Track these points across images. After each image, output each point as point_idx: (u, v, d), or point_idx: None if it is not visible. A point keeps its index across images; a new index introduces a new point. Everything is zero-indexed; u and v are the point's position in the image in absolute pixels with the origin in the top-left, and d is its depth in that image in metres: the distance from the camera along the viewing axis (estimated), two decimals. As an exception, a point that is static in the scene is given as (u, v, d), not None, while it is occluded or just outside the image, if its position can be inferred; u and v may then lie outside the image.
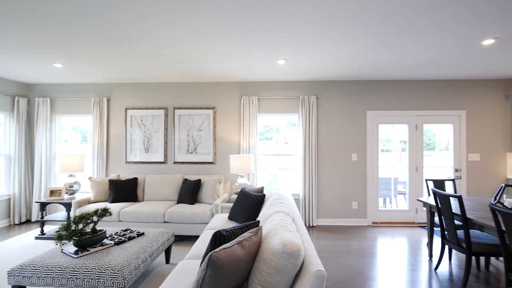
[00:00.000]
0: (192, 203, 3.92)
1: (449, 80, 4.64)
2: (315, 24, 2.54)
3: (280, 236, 1.50)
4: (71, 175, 4.18)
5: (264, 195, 2.85)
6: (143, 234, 2.79)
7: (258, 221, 1.81)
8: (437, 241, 3.87)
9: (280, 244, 1.40)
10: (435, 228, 4.27)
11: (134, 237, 2.69)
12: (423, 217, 4.66)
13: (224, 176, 4.63)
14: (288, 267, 1.37)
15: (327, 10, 2.28)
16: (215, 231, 1.74)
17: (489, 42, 2.97)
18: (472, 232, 2.89)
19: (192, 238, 3.90)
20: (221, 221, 3.04)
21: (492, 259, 3.25)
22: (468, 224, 2.59)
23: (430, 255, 3.27)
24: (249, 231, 1.63)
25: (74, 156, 4.09)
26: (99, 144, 4.70)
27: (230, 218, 3.06)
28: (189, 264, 2.02)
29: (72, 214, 3.90)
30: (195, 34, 2.78)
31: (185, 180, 4.14)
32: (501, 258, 3.22)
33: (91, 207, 3.87)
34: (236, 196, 3.84)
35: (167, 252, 3.00)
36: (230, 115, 4.67)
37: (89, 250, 2.31)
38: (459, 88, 4.65)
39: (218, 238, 1.66)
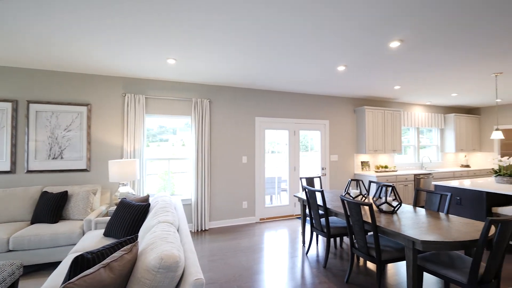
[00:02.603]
0: (55, 222, 3.15)
1: (318, 95, 5.65)
2: (203, 31, 2.53)
3: (158, 249, 1.38)
4: None
5: (148, 204, 2.60)
6: (-35, 273, 2.01)
7: (135, 236, 1.62)
8: (309, 229, 4.60)
9: (156, 258, 1.29)
10: (307, 218, 5.07)
11: (-52, 281, 1.90)
12: (299, 209, 5.45)
13: (102, 185, 3.97)
14: (165, 282, 1.28)
15: (212, 25, 2.32)
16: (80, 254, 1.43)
17: (341, 68, 3.79)
18: (331, 219, 3.59)
19: (55, 266, 3.14)
20: (94, 240, 2.57)
21: (345, 238, 4.14)
22: (327, 212, 3.19)
23: (303, 242, 3.85)
24: (122, 249, 1.43)
25: None
26: None
27: (106, 234, 2.63)
28: (39, 302, 1.58)
29: None
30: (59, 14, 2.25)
31: (45, 194, 3.29)
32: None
33: None
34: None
35: (11, 291, 2.28)
36: (111, 114, 4.06)
37: None
38: (325, 102, 5.73)
39: (80, 264, 1.38)
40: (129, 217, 2.51)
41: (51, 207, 3.17)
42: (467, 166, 7.19)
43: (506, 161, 4.08)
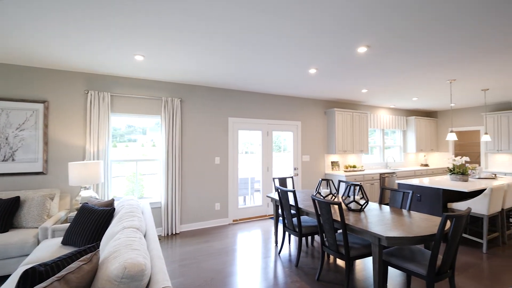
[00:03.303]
0: (5, 231, 2.84)
1: (291, 97, 5.75)
2: (173, 30, 2.44)
3: (122, 257, 1.29)
4: None
5: (113, 209, 2.44)
6: None
7: (96, 244, 1.50)
8: (281, 229, 4.64)
9: (120, 267, 1.21)
10: (280, 218, 5.12)
11: None
12: (272, 209, 5.49)
13: (61, 189, 3.66)
14: (129, 292, 1.20)
15: (181, 24, 2.25)
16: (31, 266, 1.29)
17: (313, 71, 3.88)
18: (303, 218, 3.65)
19: (4, 280, 2.83)
20: (51, 249, 2.36)
21: (316, 236, 4.24)
22: (299, 212, 3.24)
23: (276, 242, 3.88)
24: (80, 259, 1.32)
25: None
26: None
27: (65, 243, 2.43)
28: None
29: None
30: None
31: (-8, 200, 2.96)
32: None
33: None
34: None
35: None
36: (72, 112, 3.76)
37: None
38: (297, 103, 5.84)
39: (30, 278, 1.24)
40: (91, 223, 2.34)
41: (0, 215, 2.85)
42: (426, 165, 7.77)
43: (459, 160, 4.46)
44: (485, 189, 3.91)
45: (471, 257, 3.40)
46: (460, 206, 3.80)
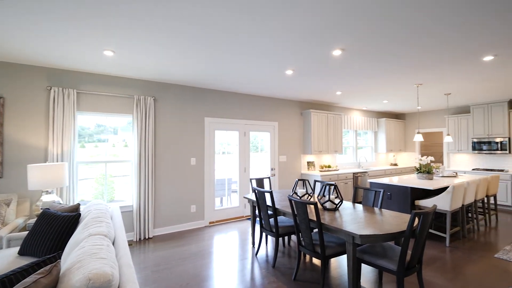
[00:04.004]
0: (-50, 242, 2.54)
1: (268, 97, 5.77)
2: (146, 31, 2.32)
3: (86, 268, 1.19)
4: None
5: (78, 215, 2.27)
6: None
7: (57, 254, 1.38)
8: (259, 230, 4.63)
9: (83, 279, 1.11)
10: (257, 219, 5.12)
11: None
12: (250, 210, 5.47)
13: (19, 194, 3.35)
14: (94, 306, 1.11)
15: (154, 20, 2.15)
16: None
17: (289, 72, 3.92)
18: (280, 218, 3.67)
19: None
20: (5, 261, 2.13)
21: (292, 236, 4.28)
22: (276, 212, 3.24)
23: (253, 243, 3.85)
24: (38, 271, 1.20)
25: None
26: None
27: (22, 253, 2.21)
28: None
29: None
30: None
31: None
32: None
33: None
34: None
35: None
36: (32, 110, 3.46)
37: None
38: (274, 104, 5.87)
39: (-23, 296, 1.11)
40: (53, 231, 2.15)
41: None
42: (396, 164, 8.18)
43: (425, 160, 4.73)
44: (448, 187, 4.19)
45: (436, 251, 3.62)
46: (427, 203, 4.04)
